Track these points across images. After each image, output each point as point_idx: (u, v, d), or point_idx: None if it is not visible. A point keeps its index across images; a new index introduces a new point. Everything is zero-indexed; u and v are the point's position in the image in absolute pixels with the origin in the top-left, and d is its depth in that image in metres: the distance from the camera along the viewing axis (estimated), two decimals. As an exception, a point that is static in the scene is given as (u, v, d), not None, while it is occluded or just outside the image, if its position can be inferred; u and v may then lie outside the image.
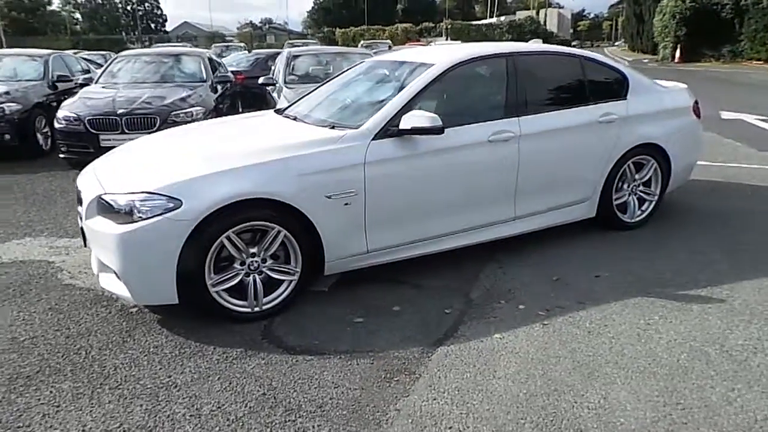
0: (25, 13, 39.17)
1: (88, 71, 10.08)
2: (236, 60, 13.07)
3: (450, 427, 2.23)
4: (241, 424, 2.28)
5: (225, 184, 2.88)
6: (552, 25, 54.53)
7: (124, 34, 55.17)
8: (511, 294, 3.38)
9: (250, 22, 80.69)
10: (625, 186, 4.32)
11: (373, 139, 3.26)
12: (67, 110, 6.48)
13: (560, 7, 72.19)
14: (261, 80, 7.49)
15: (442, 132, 3.27)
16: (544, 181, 3.87)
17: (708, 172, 5.99)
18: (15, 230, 4.67)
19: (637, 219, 4.40)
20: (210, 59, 8.57)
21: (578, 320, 3.04)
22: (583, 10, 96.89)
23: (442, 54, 3.81)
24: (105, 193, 2.97)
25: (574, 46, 51.60)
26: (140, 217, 2.81)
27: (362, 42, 27.98)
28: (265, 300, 3.12)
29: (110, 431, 2.23)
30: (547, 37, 39.85)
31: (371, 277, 3.56)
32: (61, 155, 6.58)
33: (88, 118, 6.27)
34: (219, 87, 7.88)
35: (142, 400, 2.42)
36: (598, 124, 4.01)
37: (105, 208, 2.94)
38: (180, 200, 2.81)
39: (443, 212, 3.54)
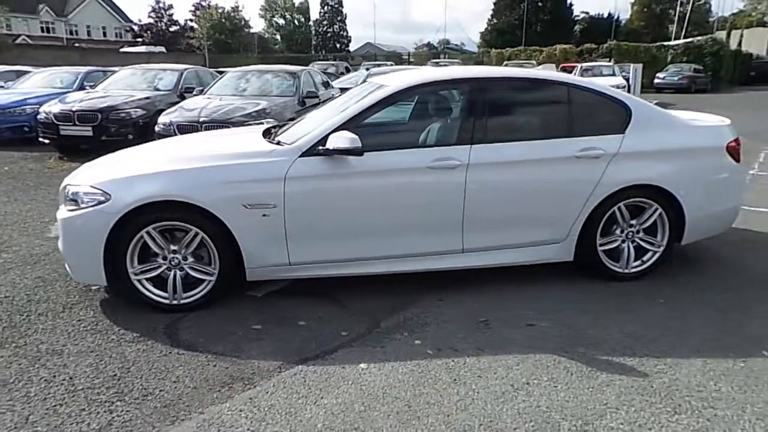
0: (225, 35, 46.39)
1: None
2: (356, 77, 13.89)
3: (225, 439, 2.28)
4: (73, 395, 2.57)
5: (145, 185, 3.25)
6: (756, 46, 47.36)
7: (313, 52, 61.20)
8: (421, 328, 3.22)
9: (428, 42, 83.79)
10: (618, 231, 3.78)
11: (300, 156, 3.37)
12: (166, 117, 7.58)
13: (776, 26, 62.39)
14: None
15: (361, 154, 3.27)
16: (499, 215, 3.59)
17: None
18: (80, 212, 5.65)
19: (634, 270, 3.81)
20: (309, 77, 9.29)
21: (456, 366, 2.80)
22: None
23: (400, 77, 3.77)
24: (68, 185, 3.52)
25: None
26: (83, 206, 3.30)
27: (505, 62, 27.47)
28: (185, 295, 3.41)
29: (-19, 380, 2.69)
30: (737, 59, 34.74)
31: (306, 291, 3.66)
32: (158, 154, 7.70)
33: (177, 124, 7.28)
34: (307, 101, 8.52)
35: (26, 360, 2.86)
36: (575, 159, 3.59)
37: (66, 197, 3.49)
38: (110, 195, 3.24)
39: (374, 235, 3.50)
